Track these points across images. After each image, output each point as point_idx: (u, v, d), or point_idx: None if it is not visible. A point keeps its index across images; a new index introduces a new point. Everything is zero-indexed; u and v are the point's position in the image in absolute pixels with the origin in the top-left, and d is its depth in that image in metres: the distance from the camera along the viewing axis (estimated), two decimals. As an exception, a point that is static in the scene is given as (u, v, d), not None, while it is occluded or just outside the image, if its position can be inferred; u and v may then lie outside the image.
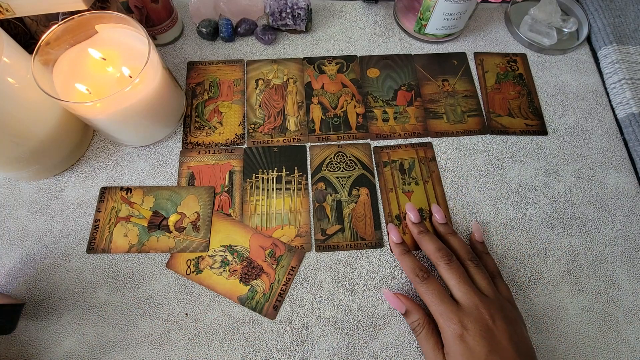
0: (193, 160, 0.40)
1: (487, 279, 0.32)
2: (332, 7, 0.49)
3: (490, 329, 0.29)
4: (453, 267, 0.32)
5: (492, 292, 0.31)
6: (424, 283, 0.32)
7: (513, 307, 0.32)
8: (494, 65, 0.46)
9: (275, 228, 0.37)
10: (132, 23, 0.33)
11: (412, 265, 0.33)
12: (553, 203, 0.39)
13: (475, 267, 0.32)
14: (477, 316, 0.29)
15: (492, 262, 0.35)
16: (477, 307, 0.30)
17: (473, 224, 0.37)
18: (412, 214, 0.36)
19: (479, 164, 0.41)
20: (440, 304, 0.30)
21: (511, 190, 0.40)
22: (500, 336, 0.28)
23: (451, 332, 0.29)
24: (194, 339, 0.33)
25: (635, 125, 0.41)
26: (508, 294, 0.33)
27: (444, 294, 0.31)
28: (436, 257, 0.33)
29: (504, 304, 0.31)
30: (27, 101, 0.32)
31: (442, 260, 0.32)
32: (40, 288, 0.34)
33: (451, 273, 0.31)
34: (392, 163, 0.40)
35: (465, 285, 0.31)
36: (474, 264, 0.32)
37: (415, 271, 0.33)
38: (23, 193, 0.38)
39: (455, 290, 0.31)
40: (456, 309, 0.30)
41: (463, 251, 0.33)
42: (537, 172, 0.41)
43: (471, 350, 0.28)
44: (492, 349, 0.28)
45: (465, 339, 0.29)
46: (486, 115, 0.43)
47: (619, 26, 0.46)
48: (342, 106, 0.43)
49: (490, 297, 0.31)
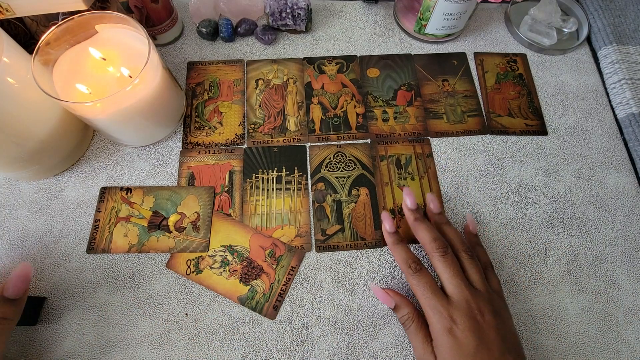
0: (193, 160, 0.40)
1: (480, 272, 0.32)
2: (332, 7, 0.49)
3: (479, 322, 0.29)
4: (448, 260, 0.31)
5: (483, 285, 0.31)
6: (416, 275, 0.32)
7: (501, 299, 0.32)
8: (494, 66, 0.46)
9: (275, 228, 0.37)
10: (132, 23, 0.33)
11: (404, 256, 0.33)
12: (553, 203, 0.39)
13: (469, 259, 0.32)
14: (467, 310, 0.29)
15: (485, 254, 0.35)
16: (467, 301, 0.30)
17: (467, 216, 0.37)
18: (409, 199, 0.35)
19: (479, 164, 0.41)
20: (431, 297, 0.30)
21: (511, 190, 0.40)
22: (489, 330, 0.29)
23: (440, 326, 0.29)
24: (194, 339, 0.33)
25: (635, 125, 0.41)
26: (498, 287, 0.33)
27: (435, 287, 0.31)
28: (431, 247, 0.32)
29: (493, 297, 0.31)
30: (27, 101, 0.32)
31: (437, 252, 0.32)
32: (40, 288, 0.34)
33: (445, 266, 0.31)
34: (389, 157, 0.40)
35: (457, 279, 0.31)
36: (469, 255, 0.32)
37: (408, 262, 0.32)
38: (23, 193, 0.38)
39: (447, 283, 0.31)
40: (446, 303, 0.30)
41: (458, 242, 0.33)
42: (537, 172, 0.41)
43: (460, 344, 0.28)
44: (480, 342, 0.28)
45: (454, 333, 0.29)
46: (486, 116, 0.43)
47: (618, 26, 0.46)
48: (342, 106, 0.43)
49: (480, 290, 0.31)
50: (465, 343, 0.28)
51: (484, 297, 0.30)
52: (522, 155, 0.41)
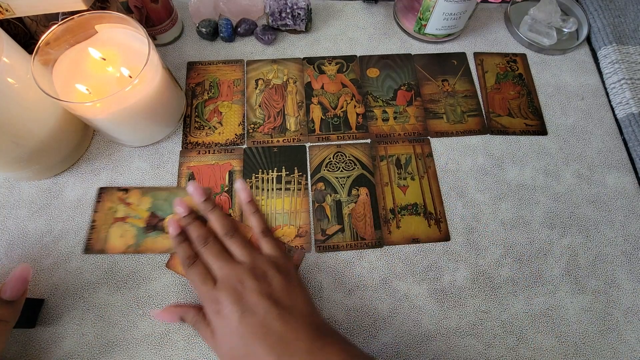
0: (193, 160, 0.40)
1: (241, 245, 0.33)
2: (331, 7, 0.49)
3: (239, 292, 0.30)
4: (208, 247, 0.32)
5: (246, 256, 0.32)
6: (191, 269, 0.32)
7: (269, 262, 0.32)
8: (493, 66, 0.46)
9: (275, 228, 0.37)
10: (131, 23, 0.33)
11: (183, 254, 0.33)
12: (553, 203, 0.39)
13: (229, 240, 0.33)
14: (228, 285, 0.30)
15: (259, 221, 0.36)
16: (228, 276, 0.31)
17: (236, 184, 0.37)
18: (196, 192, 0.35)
19: (479, 163, 0.41)
20: (200, 286, 0.31)
21: (511, 190, 0.40)
22: (250, 295, 0.29)
23: (210, 312, 0.30)
24: (193, 339, 0.33)
25: (634, 125, 0.41)
26: (270, 250, 0.34)
27: (204, 276, 0.31)
28: (196, 243, 0.33)
29: (257, 263, 0.31)
30: (27, 101, 0.32)
31: (199, 245, 0.33)
32: (40, 288, 0.34)
33: (208, 254, 0.32)
34: (389, 157, 0.40)
35: (219, 261, 0.32)
36: (228, 237, 0.33)
37: (184, 260, 0.33)
38: (23, 193, 0.38)
39: (213, 268, 0.32)
40: (212, 288, 0.31)
41: (219, 228, 0.34)
42: (537, 172, 0.41)
43: (226, 320, 0.29)
44: (244, 310, 0.29)
45: (221, 313, 0.29)
46: (486, 115, 0.43)
47: (618, 26, 0.46)
48: (342, 106, 0.43)
49: (244, 262, 0.31)
50: (231, 317, 0.29)
51: (245, 266, 0.31)
52: (522, 155, 0.41)
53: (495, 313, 0.35)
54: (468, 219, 0.38)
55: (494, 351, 0.34)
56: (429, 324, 0.34)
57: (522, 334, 0.34)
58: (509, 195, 0.40)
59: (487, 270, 0.36)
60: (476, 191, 0.40)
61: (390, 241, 0.37)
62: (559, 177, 0.41)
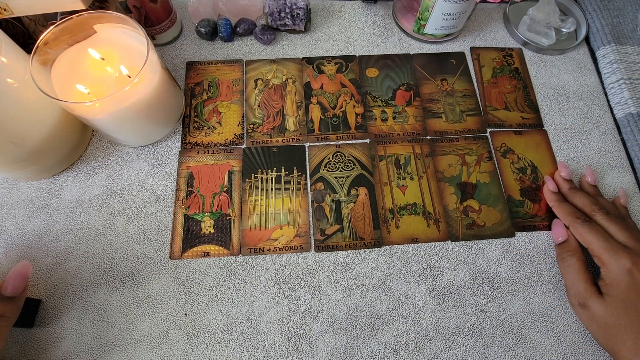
0: (192, 160, 0.40)
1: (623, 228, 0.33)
2: (331, 7, 0.49)
3: None
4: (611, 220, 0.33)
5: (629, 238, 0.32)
6: (587, 224, 0.34)
7: None
8: (490, 60, 0.46)
9: (275, 228, 0.37)
10: (130, 23, 0.33)
11: (571, 209, 0.35)
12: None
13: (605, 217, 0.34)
14: None
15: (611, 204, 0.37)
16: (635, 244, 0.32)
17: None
18: (564, 171, 0.38)
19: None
20: (605, 241, 0.32)
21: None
22: None
23: (619, 267, 0.31)
24: (193, 339, 0.33)
25: (633, 125, 0.41)
26: None
27: (607, 235, 0.33)
28: (592, 209, 0.35)
29: None
30: (25, 101, 0.32)
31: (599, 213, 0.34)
32: (39, 288, 0.34)
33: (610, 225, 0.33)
34: (388, 157, 0.40)
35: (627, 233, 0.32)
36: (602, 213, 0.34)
37: (576, 214, 0.35)
38: (21, 193, 0.38)
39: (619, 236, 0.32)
40: (623, 246, 0.32)
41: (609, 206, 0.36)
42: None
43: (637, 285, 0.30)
44: None
45: (633, 274, 0.30)
46: (483, 109, 0.43)
47: (617, 26, 0.47)
48: (341, 106, 0.43)
49: None
50: None
51: None
52: (521, 155, 0.41)
53: (494, 312, 0.35)
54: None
55: (493, 351, 0.34)
56: (428, 324, 0.34)
57: (522, 334, 0.34)
58: (508, 195, 0.40)
59: (486, 270, 0.36)
60: (475, 191, 0.40)
61: (390, 241, 0.37)
62: (558, 177, 0.41)
